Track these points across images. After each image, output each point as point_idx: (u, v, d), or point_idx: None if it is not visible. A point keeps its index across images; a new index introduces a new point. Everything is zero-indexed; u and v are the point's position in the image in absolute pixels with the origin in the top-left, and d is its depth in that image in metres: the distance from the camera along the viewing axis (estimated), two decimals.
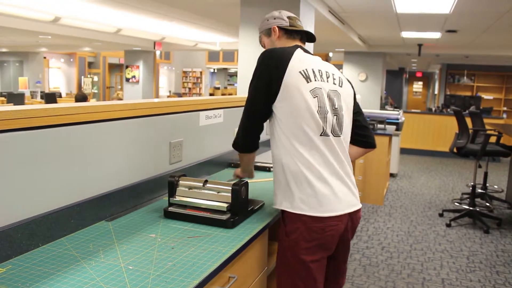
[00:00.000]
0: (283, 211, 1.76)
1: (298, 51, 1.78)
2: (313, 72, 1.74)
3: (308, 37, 1.99)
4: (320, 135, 1.70)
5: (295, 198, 1.70)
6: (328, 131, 1.72)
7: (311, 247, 1.70)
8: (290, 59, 1.74)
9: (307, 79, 1.72)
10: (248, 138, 1.88)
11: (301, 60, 1.75)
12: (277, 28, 1.93)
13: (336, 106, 1.76)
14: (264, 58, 1.77)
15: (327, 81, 1.77)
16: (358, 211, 1.79)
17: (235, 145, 1.93)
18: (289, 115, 1.70)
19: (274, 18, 1.94)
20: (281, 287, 1.79)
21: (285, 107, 1.71)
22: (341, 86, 1.83)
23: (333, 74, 1.82)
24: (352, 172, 1.83)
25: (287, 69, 1.71)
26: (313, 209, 1.68)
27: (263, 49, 1.95)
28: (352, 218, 1.77)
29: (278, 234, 1.81)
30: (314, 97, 1.70)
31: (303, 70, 1.73)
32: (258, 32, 2.04)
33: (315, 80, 1.73)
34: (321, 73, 1.77)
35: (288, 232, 1.73)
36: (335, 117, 1.75)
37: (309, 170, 1.69)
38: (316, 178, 1.69)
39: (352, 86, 1.95)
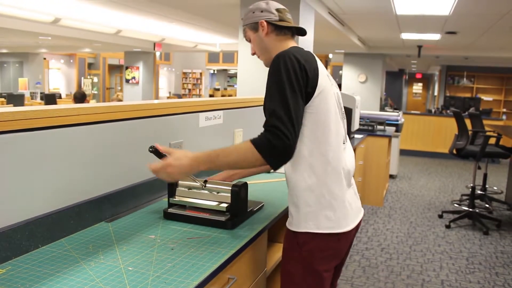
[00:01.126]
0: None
1: (315, 56, 1.63)
2: (328, 76, 1.64)
3: (297, 31, 1.75)
4: (343, 143, 1.63)
5: (319, 217, 1.57)
6: (345, 138, 1.66)
7: (326, 256, 1.62)
8: (315, 59, 1.59)
9: (330, 81, 1.62)
10: (292, 150, 1.47)
11: (320, 64, 1.61)
12: (265, 23, 1.67)
13: (343, 111, 1.70)
14: (294, 59, 1.50)
15: (333, 85, 1.68)
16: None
17: (274, 158, 1.46)
18: (320, 121, 1.54)
19: (261, 11, 1.68)
20: None
21: (318, 112, 1.53)
22: (338, 89, 1.75)
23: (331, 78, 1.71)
24: None
25: (318, 69, 1.56)
26: (340, 226, 1.59)
27: (251, 45, 1.80)
28: (359, 223, 1.74)
29: (284, 243, 1.70)
30: (336, 103, 1.61)
31: (327, 74, 1.62)
32: (242, 24, 1.76)
33: (332, 85, 1.64)
34: (330, 77, 1.67)
35: (301, 243, 1.61)
36: (343, 121, 1.68)
37: (332, 184, 1.58)
38: (339, 189, 1.59)
39: None
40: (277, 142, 1.43)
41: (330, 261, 1.65)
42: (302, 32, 1.75)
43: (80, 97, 7.09)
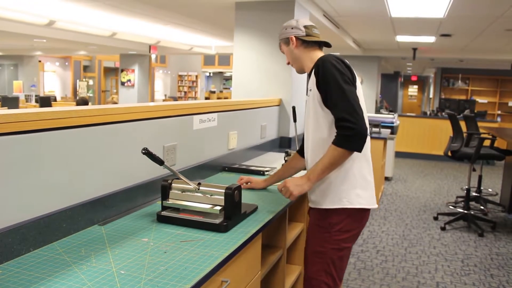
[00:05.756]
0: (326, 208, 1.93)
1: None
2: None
3: (324, 43, 2.10)
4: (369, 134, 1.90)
5: (351, 195, 1.88)
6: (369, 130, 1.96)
7: (351, 236, 1.93)
8: (348, 62, 1.90)
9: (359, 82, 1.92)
10: (366, 129, 1.77)
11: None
12: (294, 38, 2.02)
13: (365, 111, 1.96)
14: (336, 58, 1.85)
15: None
16: None
17: (356, 143, 1.77)
18: None
19: (292, 28, 2.02)
20: (315, 274, 1.96)
21: None
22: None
23: None
24: None
25: (352, 69, 1.88)
26: (369, 202, 1.92)
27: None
28: None
29: (313, 226, 1.99)
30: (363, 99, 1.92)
31: (357, 74, 1.91)
32: (278, 39, 2.13)
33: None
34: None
35: (333, 223, 1.90)
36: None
37: (362, 167, 1.92)
38: (368, 172, 1.94)
39: None
40: (349, 132, 1.74)
41: (352, 240, 1.96)
42: (327, 44, 2.09)
43: (82, 103, 7.12)
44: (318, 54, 2.01)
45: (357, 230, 1.95)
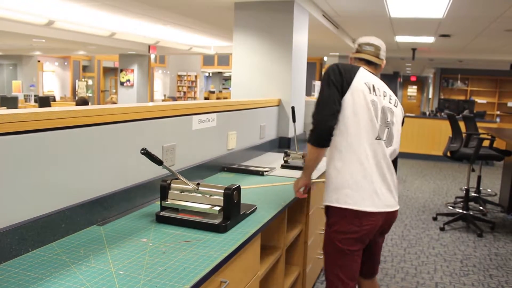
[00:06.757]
0: (327, 206, 2.01)
1: (362, 69, 2.02)
2: (373, 87, 1.99)
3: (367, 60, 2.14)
4: (376, 138, 1.94)
5: (340, 194, 1.93)
6: (382, 137, 1.96)
7: (348, 238, 1.94)
8: (357, 71, 1.99)
9: (369, 89, 1.97)
10: (326, 127, 1.91)
11: (365, 75, 2.00)
12: (350, 57, 2.21)
13: (388, 120, 2.01)
14: (335, 66, 1.97)
15: (384, 98, 2.01)
16: (395, 211, 2.02)
17: (313, 137, 1.96)
18: (352, 114, 1.92)
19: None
20: (326, 272, 2.07)
21: (350, 106, 1.92)
22: (396, 106, 2.08)
23: (390, 95, 2.07)
24: (395, 179, 2.05)
25: (356, 76, 1.96)
26: (356, 203, 1.90)
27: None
28: (389, 216, 2.00)
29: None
30: (372, 106, 1.94)
31: (367, 82, 1.97)
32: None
33: (375, 94, 1.98)
34: (380, 90, 2.01)
35: (330, 224, 2.00)
36: (387, 129, 2.00)
37: (355, 171, 1.91)
38: (363, 176, 1.91)
39: (403, 113, 2.20)
40: (313, 128, 1.93)
41: (353, 244, 1.96)
42: (369, 62, 2.12)
43: (81, 103, 7.10)
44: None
45: (358, 234, 1.94)
